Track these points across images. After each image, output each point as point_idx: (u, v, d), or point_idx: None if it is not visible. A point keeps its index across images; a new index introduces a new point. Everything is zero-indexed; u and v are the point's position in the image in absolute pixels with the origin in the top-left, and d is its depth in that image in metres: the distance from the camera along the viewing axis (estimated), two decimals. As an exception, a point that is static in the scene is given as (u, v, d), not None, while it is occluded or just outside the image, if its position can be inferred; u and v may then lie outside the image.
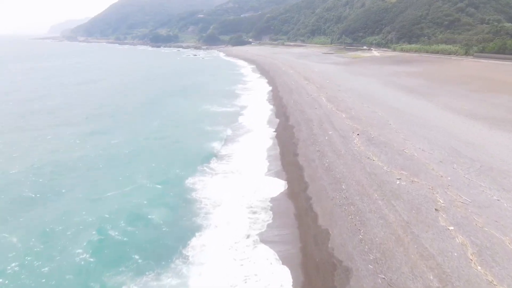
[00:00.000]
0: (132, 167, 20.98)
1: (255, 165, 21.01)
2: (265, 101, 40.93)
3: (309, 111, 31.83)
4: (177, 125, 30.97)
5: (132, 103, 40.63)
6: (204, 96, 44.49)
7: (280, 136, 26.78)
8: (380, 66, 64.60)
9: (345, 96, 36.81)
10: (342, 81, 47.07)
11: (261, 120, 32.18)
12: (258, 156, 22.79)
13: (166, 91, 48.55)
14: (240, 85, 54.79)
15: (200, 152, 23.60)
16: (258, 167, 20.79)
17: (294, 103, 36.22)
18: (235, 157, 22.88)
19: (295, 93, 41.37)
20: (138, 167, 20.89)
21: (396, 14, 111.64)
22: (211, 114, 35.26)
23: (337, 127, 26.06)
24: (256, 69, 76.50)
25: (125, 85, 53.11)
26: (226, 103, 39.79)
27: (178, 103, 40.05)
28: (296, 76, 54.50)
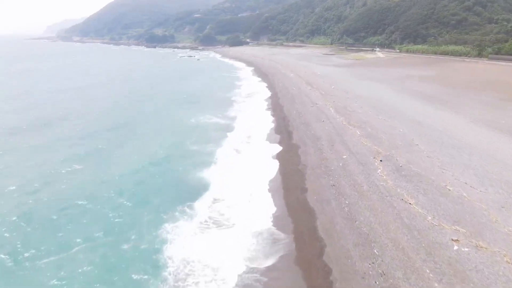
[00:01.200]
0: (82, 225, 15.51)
1: (253, 210, 15.99)
2: (264, 110, 36.01)
3: (316, 125, 26.96)
4: (159, 146, 25.98)
5: (111, 116, 35.49)
6: (195, 105, 39.53)
7: (282, 160, 21.86)
8: (387, 69, 59.82)
9: (356, 106, 31.97)
10: (349, 87, 42.25)
11: (258, 136, 27.25)
12: (256, 191, 17.81)
13: (152, 99, 43.53)
14: (236, 90, 49.89)
15: (180, 189, 18.56)
16: (256, 212, 15.79)
17: (297, 114, 31.35)
18: (228, 194, 17.76)
19: (298, 101, 36.50)
20: (94, 224, 15.41)
21: (400, 13, 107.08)
22: (201, 127, 30.30)
23: (352, 148, 21.20)
24: (254, 72, 71.58)
25: (108, 94, 47.55)
26: (219, 114, 34.84)
27: (165, 114, 35.03)
28: (297, 80, 49.64)
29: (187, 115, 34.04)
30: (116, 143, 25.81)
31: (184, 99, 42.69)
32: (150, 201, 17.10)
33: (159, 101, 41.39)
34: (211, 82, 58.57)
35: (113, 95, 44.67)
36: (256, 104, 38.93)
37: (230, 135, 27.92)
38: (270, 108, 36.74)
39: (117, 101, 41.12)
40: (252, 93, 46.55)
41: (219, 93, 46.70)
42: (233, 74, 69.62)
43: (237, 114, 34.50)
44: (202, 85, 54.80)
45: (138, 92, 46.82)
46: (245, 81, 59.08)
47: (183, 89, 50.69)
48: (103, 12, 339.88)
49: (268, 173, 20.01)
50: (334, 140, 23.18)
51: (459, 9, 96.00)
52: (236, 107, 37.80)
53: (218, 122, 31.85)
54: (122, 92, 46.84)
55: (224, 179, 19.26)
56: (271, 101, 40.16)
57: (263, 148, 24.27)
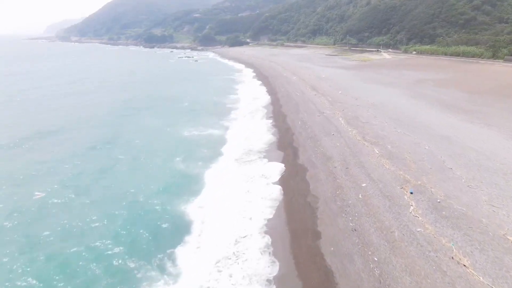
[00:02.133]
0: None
1: (245, 269, 12.10)
2: (264, 120, 32.15)
3: (325, 140, 23.13)
4: (140, 164, 22.20)
5: (93, 130, 31.49)
6: (189, 113, 35.67)
7: (287, 188, 18.01)
8: (396, 71, 55.96)
9: (369, 116, 28.14)
10: (358, 92, 38.42)
11: (257, 153, 23.39)
12: (251, 236, 13.95)
13: (143, 105, 39.72)
14: (234, 96, 46.10)
15: (156, 232, 14.75)
16: (249, 272, 11.88)
17: (303, 126, 27.51)
18: (214, 239, 13.92)
19: (302, 109, 32.66)
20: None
21: (406, 12, 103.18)
22: (192, 142, 26.44)
23: (372, 173, 17.37)
24: (254, 74, 67.74)
25: (94, 102, 43.31)
26: (214, 123, 31.04)
27: (155, 126, 31.06)
28: (300, 85, 45.80)
29: (179, 127, 30.18)
30: (94, 170, 21.52)
31: (178, 107, 38.80)
32: (116, 251, 13.27)
33: (151, 110, 37.44)
34: (208, 86, 54.70)
35: (100, 104, 40.53)
36: (255, 113, 35.06)
37: (224, 150, 24.10)
38: (271, 117, 32.88)
39: (103, 110, 36.93)
40: (251, 99, 42.66)
41: (215, 99, 42.85)
42: (232, 77, 65.78)
43: (233, 124, 30.65)
44: (198, 90, 50.94)
45: (128, 100, 42.74)
46: (244, 84, 55.24)
47: (178, 94, 46.77)
48: (101, 12, 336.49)
49: (268, 206, 16.16)
50: (348, 161, 19.34)
51: (467, 8, 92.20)
52: (233, 116, 33.94)
53: (211, 134, 27.99)
54: (110, 100, 42.76)
55: (211, 217, 15.45)
56: (272, 108, 36.31)
57: (262, 169, 20.38)
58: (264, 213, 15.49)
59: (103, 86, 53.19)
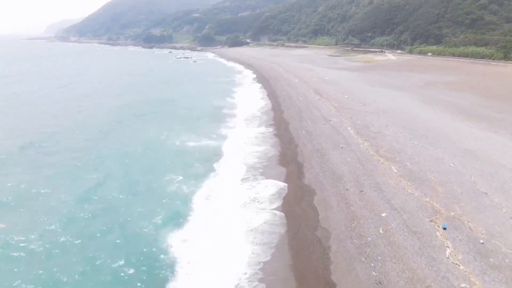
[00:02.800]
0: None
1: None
2: (264, 128, 29.40)
3: (334, 155, 20.39)
4: (128, 182, 19.51)
5: (77, 131, 29.06)
6: (183, 120, 32.89)
7: (291, 216, 15.27)
8: (403, 73, 53.24)
9: (380, 124, 25.43)
10: (366, 96, 35.72)
11: (255, 170, 20.65)
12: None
13: (135, 111, 36.92)
14: (232, 100, 43.44)
15: (137, 268, 12.10)
16: None
17: (308, 136, 24.77)
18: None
19: (306, 115, 29.93)
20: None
21: (410, 12, 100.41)
22: (183, 155, 23.69)
23: (392, 199, 14.65)
24: (253, 76, 65.08)
25: (82, 100, 41.00)
26: (209, 132, 28.30)
27: (146, 134, 28.30)
28: (303, 88, 43.08)
29: (173, 136, 27.39)
30: (75, 191, 18.90)
31: (173, 113, 35.99)
32: None
33: (144, 116, 34.58)
34: (205, 89, 51.96)
35: (89, 110, 37.47)
36: (254, 120, 32.34)
37: (220, 166, 21.37)
38: (272, 124, 30.16)
39: (91, 117, 33.99)
40: (250, 103, 39.92)
41: (213, 103, 40.10)
42: (231, 78, 63.08)
43: (231, 133, 27.89)
44: (196, 93, 48.21)
45: (121, 105, 39.76)
46: (243, 87, 52.52)
47: (174, 98, 44.00)
48: (100, 12, 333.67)
49: (265, 243, 13.42)
50: (362, 181, 16.62)
51: (474, 7, 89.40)
52: (231, 123, 31.19)
53: (207, 146, 25.21)
54: (101, 106, 39.72)
55: (196, 255, 12.75)
56: (273, 114, 33.60)
57: (260, 191, 17.64)
58: (259, 254, 12.72)
59: (94, 90, 50.36)
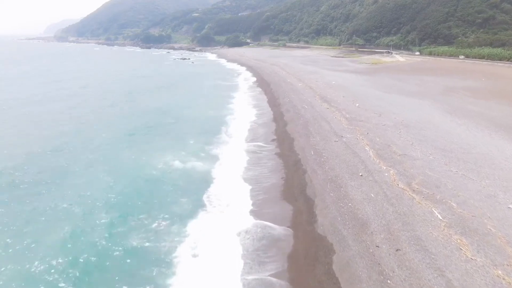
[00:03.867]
0: None
1: None
2: (263, 145, 25.06)
3: (353, 187, 16.07)
4: (104, 213, 15.27)
5: (46, 158, 24.76)
6: (170, 134, 28.52)
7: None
8: (417, 77, 48.87)
9: (404, 142, 21.09)
10: (379, 105, 31.41)
11: (252, 205, 16.35)
12: None
13: (118, 120, 32.66)
14: (229, 107, 39.17)
15: None
16: None
17: (317, 157, 20.44)
18: None
19: (314, 129, 25.58)
20: None
21: (417, 11, 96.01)
22: (166, 182, 19.34)
23: (447, 270, 10.31)
24: (254, 79, 60.77)
25: (58, 113, 35.74)
26: (199, 150, 23.94)
27: (127, 152, 23.96)
28: (308, 94, 38.75)
29: (155, 155, 23.04)
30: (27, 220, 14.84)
31: (160, 124, 31.50)
32: None
33: (127, 128, 30.28)
34: (200, 94, 47.61)
35: (63, 121, 33.13)
36: (253, 133, 27.99)
37: (208, 199, 17.05)
38: (274, 140, 25.80)
39: (63, 132, 29.31)
40: (249, 112, 35.58)
41: (206, 112, 35.72)
42: (229, 82, 58.77)
43: (224, 152, 23.54)
44: (189, 100, 43.83)
45: (103, 113, 35.68)
46: (242, 93, 48.15)
47: (164, 106, 39.62)
48: (99, 11, 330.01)
49: None
50: (396, 234, 12.27)
51: (485, 6, 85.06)
52: (225, 138, 26.80)
53: (194, 169, 20.83)
54: (77, 115, 35.13)
55: None
56: (275, 127, 29.26)
57: (257, 245, 13.27)
58: None
59: (77, 95, 45.98)
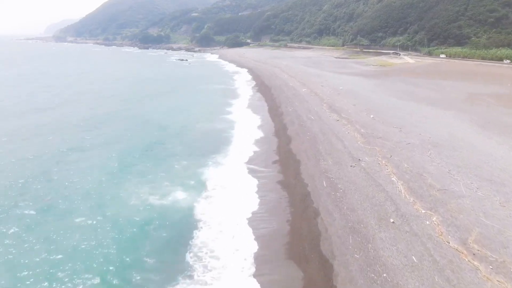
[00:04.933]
0: None
1: None
2: (265, 168, 20.83)
3: (384, 243, 11.84)
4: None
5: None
6: (154, 152, 24.30)
7: None
8: (432, 81, 44.62)
9: (440, 170, 16.87)
10: (397, 116, 27.23)
11: (248, 260, 12.18)
12: None
13: (96, 134, 28.43)
14: (226, 117, 34.99)
15: None
16: None
17: (331, 190, 16.23)
18: None
19: (324, 149, 21.35)
20: None
21: (425, 10, 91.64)
22: (133, 230, 15.07)
23: None
24: (253, 83, 56.65)
25: (36, 128, 31.59)
26: (186, 176, 19.69)
27: (95, 180, 19.59)
28: (314, 101, 34.56)
29: (131, 185, 18.82)
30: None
31: (143, 140, 27.15)
32: None
33: (103, 144, 25.98)
34: (195, 101, 43.28)
35: (32, 137, 28.89)
36: (252, 152, 23.71)
37: (190, 258, 12.83)
38: (276, 162, 21.56)
39: (29, 152, 25.32)
40: (247, 124, 31.28)
41: (199, 125, 31.35)
42: (227, 86, 54.58)
43: (213, 178, 19.25)
44: (181, 108, 39.54)
45: (81, 125, 31.17)
46: (240, 99, 43.88)
47: (152, 115, 35.22)
48: (98, 11, 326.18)
49: None
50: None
51: (497, 4, 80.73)
52: (218, 158, 22.51)
53: (175, 206, 16.58)
54: (53, 127, 30.93)
55: None
56: (277, 143, 25.03)
57: None
58: None
59: (58, 102, 41.60)
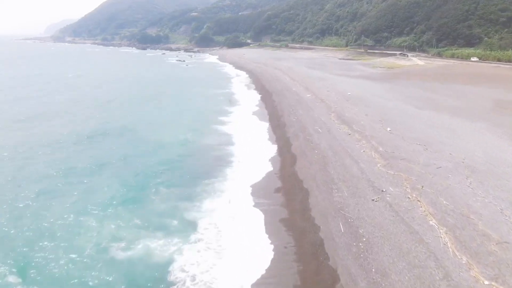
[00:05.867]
0: None
1: None
2: (262, 201, 16.97)
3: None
4: None
5: None
6: (132, 179, 20.30)
7: None
8: (449, 86, 40.75)
9: (487, 207, 13.05)
10: (418, 129, 23.41)
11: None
12: None
13: (67, 155, 24.52)
14: (221, 129, 31.15)
15: None
16: None
17: (351, 239, 12.42)
18: None
19: (336, 174, 17.53)
20: None
21: (433, 9, 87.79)
22: (107, 277, 11.32)
23: None
24: (253, 87, 52.84)
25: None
26: (164, 215, 15.81)
27: (52, 227, 15.86)
28: (320, 110, 30.73)
29: (99, 232, 14.96)
30: None
31: (123, 159, 23.15)
32: None
33: (72, 167, 22.01)
34: (186, 109, 39.17)
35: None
36: (249, 174, 19.84)
37: None
38: (279, 189, 17.72)
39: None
40: (245, 137, 27.38)
41: (189, 139, 27.32)
42: (224, 90, 50.74)
43: (201, 219, 15.42)
44: (171, 117, 35.53)
45: (52, 142, 27.19)
46: (237, 106, 40.05)
47: (138, 127, 31.15)
48: (96, 11, 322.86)
49: None
50: None
51: (509, 3, 76.97)
52: (210, 188, 18.54)
53: (150, 264, 12.81)
54: (18, 147, 27.28)
55: None
56: (279, 163, 21.16)
57: None
58: None
59: (33, 115, 37.59)
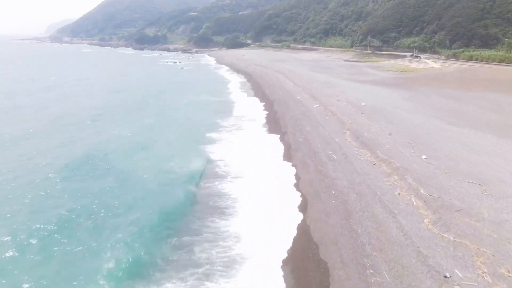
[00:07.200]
0: None
1: None
2: (263, 279, 11.79)
3: None
4: None
5: None
6: (103, 221, 15.18)
7: None
8: (476, 94, 35.50)
9: None
10: (460, 155, 18.27)
11: None
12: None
13: (21, 193, 19.42)
14: (213, 149, 25.96)
15: None
16: None
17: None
18: None
19: (367, 238, 12.33)
20: None
21: (445, 7, 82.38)
22: None
23: None
24: (252, 93, 47.65)
25: None
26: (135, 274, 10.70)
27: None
28: (331, 126, 25.49)
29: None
30: None
31: (93, 191, 18.19)
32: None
33: (28, 209, 17.08)
34: (173, 123, 33.01)
35: None
36: (246, 231, 14.55)
37: None
38: (288, 262, 12.36)
39: None
40: (240, 165, 21.94)
41: (177, 164, 22.06)
42: (219, 98, 45.45)
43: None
44: (159, 132, 30.33)
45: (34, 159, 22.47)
46: (233, 119, 34.61)
47: (118, 145, 26.20)
48: (95, 11, 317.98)
49: None
50: None
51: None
52: (198, 238, 13.35)
53: None
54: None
55: None
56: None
57: None
58: None
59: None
